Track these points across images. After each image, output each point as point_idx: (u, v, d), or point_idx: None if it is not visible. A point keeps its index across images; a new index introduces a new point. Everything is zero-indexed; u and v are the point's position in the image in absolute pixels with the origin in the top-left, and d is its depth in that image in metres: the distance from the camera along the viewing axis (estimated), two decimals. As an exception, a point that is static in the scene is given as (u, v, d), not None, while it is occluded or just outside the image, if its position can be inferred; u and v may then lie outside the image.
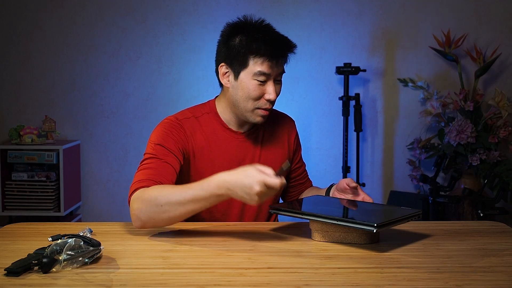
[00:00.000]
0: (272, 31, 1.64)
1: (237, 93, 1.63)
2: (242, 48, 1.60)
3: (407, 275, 1.18)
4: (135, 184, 1.52)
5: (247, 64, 1.60)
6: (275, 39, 1.61)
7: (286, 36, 1.65)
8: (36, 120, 3.43)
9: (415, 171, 3.33)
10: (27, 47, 3.44)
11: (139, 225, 1.47)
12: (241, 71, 1.61)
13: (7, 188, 3.19)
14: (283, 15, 3.41)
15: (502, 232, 1.54)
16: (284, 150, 1.78)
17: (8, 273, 1.17)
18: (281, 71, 1.64)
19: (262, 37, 1.59)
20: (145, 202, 1.45)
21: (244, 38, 1.60)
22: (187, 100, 3.40)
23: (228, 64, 1.64)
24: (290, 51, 1.64)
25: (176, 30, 3.40)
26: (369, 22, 3.42)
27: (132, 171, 3.48)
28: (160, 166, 1.56)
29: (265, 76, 1.60)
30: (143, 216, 1.45)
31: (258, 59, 1.58)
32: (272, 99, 1.62)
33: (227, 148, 1.69)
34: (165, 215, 1.44)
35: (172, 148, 1.61)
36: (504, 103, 3.15)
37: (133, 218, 1.48)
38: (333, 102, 3.44)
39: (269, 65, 1.59)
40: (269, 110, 1.65)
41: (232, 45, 1.62)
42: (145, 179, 1.52)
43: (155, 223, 1.46)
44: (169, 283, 1.14)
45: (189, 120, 1.68)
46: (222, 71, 1.66)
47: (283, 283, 1.15)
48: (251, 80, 1.60)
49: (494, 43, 3.37)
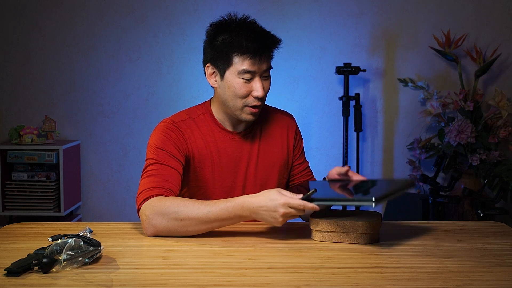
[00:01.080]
0: (255, 27, 1.62)
1: (225, 92, 1.62)
2: (225, 47, 1.59)
3: (407, 275, 1.18)
4: (145, 192, 1.51)
5: (231, 63, 1.59)
6: (257, 35, 1.59)
7: (269, 31, 1.63)
8: (36, 120, 3.43)
9: (415, 171, 3.33)
10: (27, 47, 3.44)
11: (152, 233, 1.48)
12: (226, 70, 1.60)
13: (7, 188, 3.19)
14: (283, 15, 3.41)
15: (502, 232, 1.54)
16: (284, 147, 1.76)
17: (8, 273, 1.17)
18: (267, 67, 1.62)
19: (244, 34, 1.57)
20: (163, 214, 1.45)
21: (226, 36, 1.59)
22: (187, 100, 3.40)
23: (213, 64, 1.64)
24: (274, 47, 1.62)
25: (176, 30, 3.40)
26: (369, 22, 3.42)
27: (132, 171, 3.50)
28: (165, 172, 1.56)
29: (250, 73, 1.58)
30: (159, 226, 1.46)
31: (240, 57, 1.57)
32: (260, 96, 1.60)
33: (225, 148, 1.68)
34: (183, 229, 1.46)
35: (173, 152, 1.60)
36: (504, 103, 3.15)
37: (146, 226, 1.48)
38: (333, 102, 3.44)
39: (253, 62, 1.57)
40: (258, 107, 1.63)
41: (216, 45, 1.61)
42: (154, 186, 1.52)
43: (169, 234, 1.48)
44: (169, 283, 1.14)
45: (185, 122, 1.67)
46: (208, 71, 1.66)
47: (283, 283, 1.15)
48: (236, 79, 1.59)
49: (494, 43, 3.37)
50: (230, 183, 1.69)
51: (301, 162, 1.82)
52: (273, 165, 1.73)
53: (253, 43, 1.57)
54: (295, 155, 1.80)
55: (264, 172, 1.71)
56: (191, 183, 1.68)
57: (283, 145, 1.76)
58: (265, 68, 1.61)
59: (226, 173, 1.68)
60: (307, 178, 1.82)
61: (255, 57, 1.57)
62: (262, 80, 1.61)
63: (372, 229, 1.40)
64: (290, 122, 1.81)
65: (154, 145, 1.62)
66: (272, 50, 1.62)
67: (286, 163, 1.76)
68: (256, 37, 1.58)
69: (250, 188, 1.69)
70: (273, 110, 1.81)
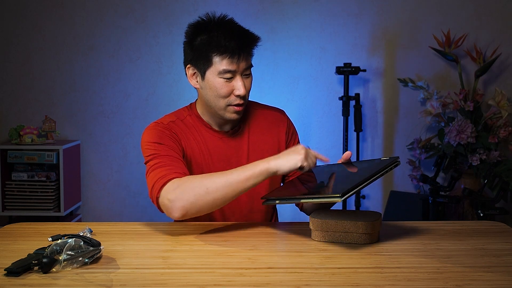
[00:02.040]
0: (233, 26, 1.61)
1: (207, 93, 1.63)
2: (204, 47, 1.58)
3: (407, 275, 1.18)
4: (160, 180, 1.49)
5: (211, 63, 1.59)
6: (235, 34, 1.58)
7: (248, 29, 1.63)
8: (36, 120, 3.43)
9: (415, 171, 3.33)
10: (27, 47, 3.44)
11: (180, 213, 1.45)
12: (206, 71, 1.60)
13: (7, 188, 3.19)
14: (283, 15, 3.41)
15: (502, 232, 1.54)
16: (275, 143, 1.75)
17: (8, 273, 1.17)
18: (247, 66, 1.62)
19: (222, 34, 1.57)
20: (188, 190, 1.44)
21: (205, 36, 1.59)
22: (187, 100, 3.37)
23: (193, 65, 1.63)
24: (253, 45, 1.61)
25: (176, 30, 3.40)
26: (369, 22, 3.42)
27: (132, 171, 3.50)
28: (171, 161, 1.55)
29: (230, 73, 1.58)
30: (186, 204, 1.44)
31: (219, 56, 1.57)
32: (242, 94, 1.60)
33: (214, 148, 1.68)
34: (210, 198, 1.44)
35: (171, 145, 1.60)
36: (504, 103, 3.15)
37: (171, 209, 1.45)
38: (333, 102, 3.44)
39: (232, 61, 1.57)
40: (241, 105, 1.63)
41: (195, 45, 1.61)
42: (168, 173, 1.50)
43: (197, 209, 1.46)
44: (169, 283, 1.14)
45: (175, 122, 1.67)
46: (189, 72, 1.65)
47: (283, 283, 1.15)
48: (217, 79, 1.59)
49: (494, 43, 3.37)
50: None
51: None
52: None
53: (231, 41, 1.56)
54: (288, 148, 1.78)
55: None
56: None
57: (274, 141, 1.75)
58: (245, 67, 1.61)
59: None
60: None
61: (233, 56, 1.57)
62: (243, 78, 1.61)
63: (372, 229, 1.40)
64: (280, 117, 1.79)
65: (150, 141, 1.61)
66: (251, 48, 1.62)
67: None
68: (234, 35, 1.58)
69: None
70: (263, 107, 1.80)
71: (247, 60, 1.61)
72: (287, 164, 1.45)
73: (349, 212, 1.52)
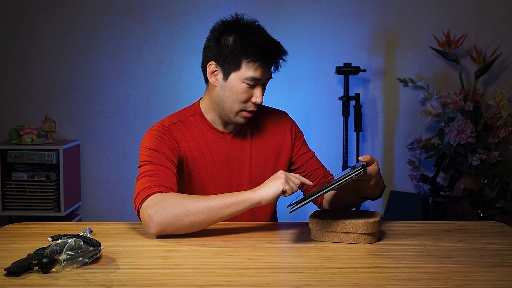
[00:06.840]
0: (266, 35, 1.61)
1: (224, 93, 1.62)
2: (236, 49, 1.57)
3: (407, 275, 1.18)
4: (144, 191, 1.49)
5: (239, 67, 1.58)
6: (269, 45, 1.59)
7: (278, 41, 1.63)
8: (36, 120, 3.43)
9: (415, 171, 3.33)
10: (27, 47, 3.44)
11: (156, 230, 1.44)
12: (231, 72, 1.59)
13: (7, 188, 3.19)
14: (283, 15, 3.41)
15: (502, 232, 1.54)
16: (278, 144, 1.75)
17: (8, 273, 1.17)
18: (270, 76, 1.64)
19: (258, 41, 1.57)
20: (167, 208, 1.43)
21: (238, 39, 1.58)
22: (187, 100, 3.39)
23: (218, 63, 1.62)
24: (282, 58, 1.63)
25: (176, 30, 3.40)
26: (369, 22, 3.42)
27: (132, 171, 3.50)
28: (162, 172, 1.55)
29: (256, 81, 1.59)
30: (164, 222, 1.43)
31: (252, 64, 1.57)
32: (259, 102, 1.61)
33: (216, 149, 1.68)
34: (188, 221, 1.43)
35: (167, 153, 1.60)
36: (504, 103, 3.15)
37: (149, 224, 1.44)
38: (333, 102, 3.44)
39: (261, 70, 1.58)
40: (254, 112, 1.64)
41: (224, 44, 1.60)
42: (153, 185, 1.50)
43: (174, 229, 1.44)
44: (169, 283, 1.14)
45: (175, 125, 1.67)
46: (211, 69, 1.64)
47: (283, 283, 1.15)
48: (241, 83, 1.59)
49: (494, 43, 3.37)
50: (226, 182, 1.69)
51: (305, 152, 1.81)
52: (267, 163, 1.73)
53: (267, 52, 1.57)
54: (295, 147, 1.79)
55: (258, 170, 1.71)
56: (188, 185, 1.68)
57: (277, 142, 1.76)
58: (269, 77, 1.63)
59: (220, 173, 1.68)
60: (317, 167, 1.81)
61: (266, 66, 1.58)
62: (262, 86, 1.62)
63: (372, 229, 1.40)
64: (282, 118, 1.80)
65: (147, 147, 1.61)
66: (280, 61, 1.63)
67: (283, 159, 1.76)
68: (268, 46, 1.58)
69: (246, 187, 1.68)
70: (266, 109, 1.81)
71: (271, 71, 1.63)
72: (269, 191, 1.45)
73: (349, 212, 1.52)
